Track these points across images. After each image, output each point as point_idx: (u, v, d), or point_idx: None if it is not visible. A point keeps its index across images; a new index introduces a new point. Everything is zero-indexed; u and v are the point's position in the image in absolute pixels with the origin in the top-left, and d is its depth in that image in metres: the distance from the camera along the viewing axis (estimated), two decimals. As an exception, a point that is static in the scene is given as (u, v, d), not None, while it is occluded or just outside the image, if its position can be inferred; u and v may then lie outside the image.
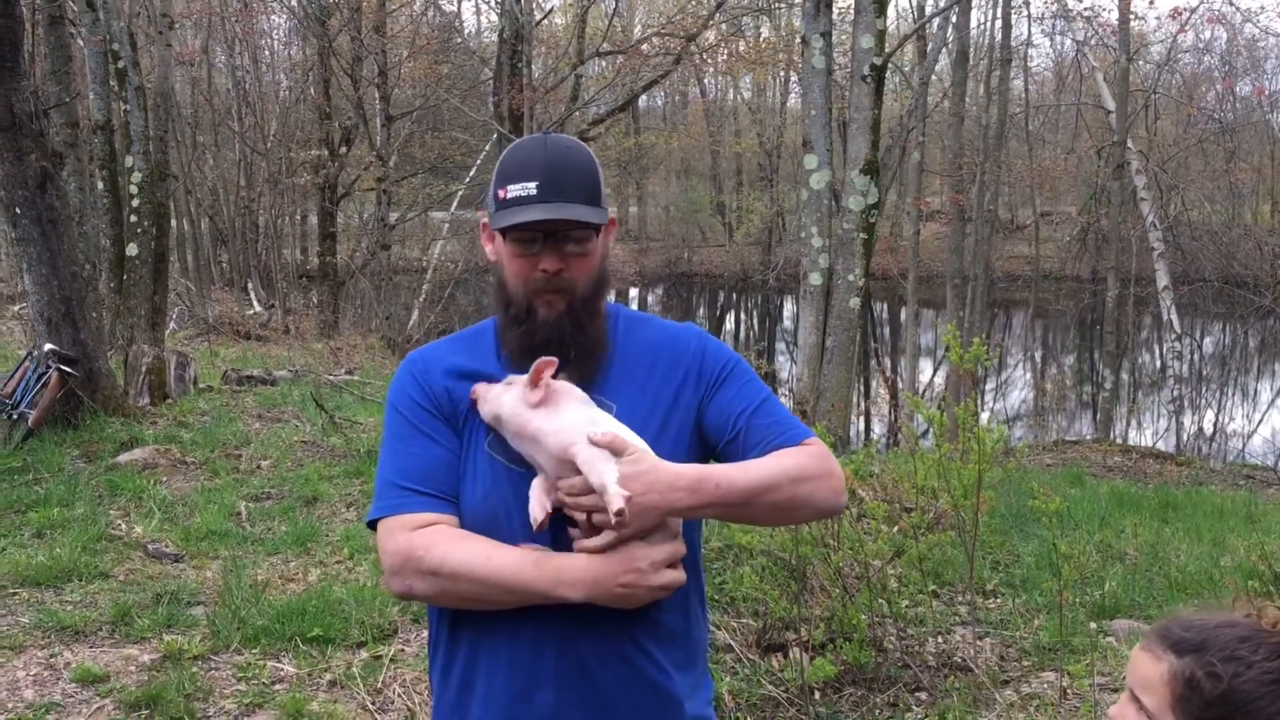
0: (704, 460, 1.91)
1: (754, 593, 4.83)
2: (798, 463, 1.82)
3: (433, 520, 1.82)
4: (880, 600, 4.71)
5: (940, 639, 4.96)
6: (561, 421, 1.78)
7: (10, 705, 4.28)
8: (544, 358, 1.82)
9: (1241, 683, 1.53)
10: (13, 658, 4.68)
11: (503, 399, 1.82)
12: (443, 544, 1.77)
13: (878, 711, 4.30)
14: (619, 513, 1.69)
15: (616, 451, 1.74)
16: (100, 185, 14.50)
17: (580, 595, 1.74)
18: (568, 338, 1.86)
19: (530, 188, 1.82)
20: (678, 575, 1.80)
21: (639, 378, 1.92)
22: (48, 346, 8.36)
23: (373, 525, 1.88)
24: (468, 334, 2.02)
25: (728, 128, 42.67)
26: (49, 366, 8.26)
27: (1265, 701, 1.53)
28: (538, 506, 1.79)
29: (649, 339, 1.97)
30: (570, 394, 1.82)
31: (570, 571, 1.74)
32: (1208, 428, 18.77)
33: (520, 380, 1.82)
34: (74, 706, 4.29)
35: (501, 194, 1.86)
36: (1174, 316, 16.82)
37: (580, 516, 1.77)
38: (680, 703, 1.88)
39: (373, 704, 4.37)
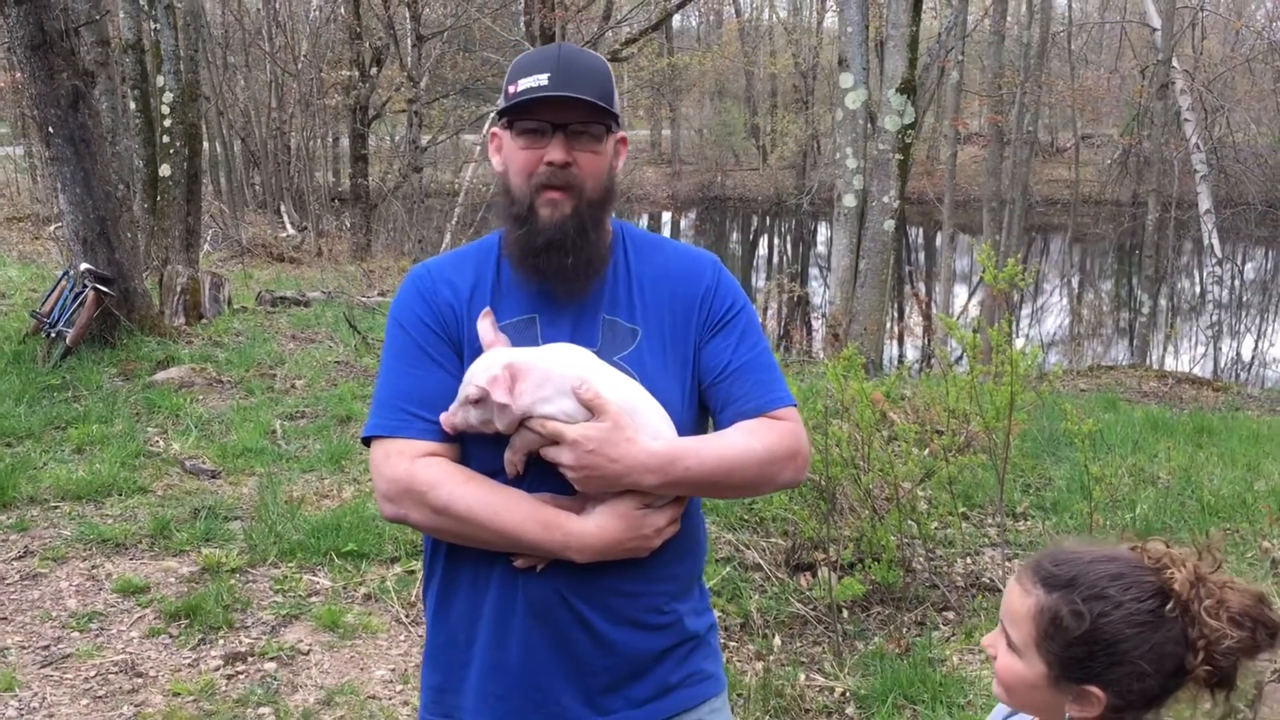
0: (696, 396, 1.91)
1: (784, 513, 4.86)
2: (767, 445, 1.80)
3: (433, 450, 1.79)
4: (909, 521, 4.73)
5: (969, 560, 4.98)
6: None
7: (54, 614, 4.39)
8: (483, 321, 1.79)
9: (1106, 622, 1.47)
10: (56, 568, 4.80)
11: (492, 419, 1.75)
12: (448, 484, 1.75)
13: (905, 629, 4.33)
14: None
15: (594, 412, 1.72)
16: (132, 105, 14.50)
17: (586, 559, 1.75)
18: (569, 242, 1.81)
19: (542, 79, 1.77)
20: (675, 529, 1.83)
21: (658, 306, 1.89)
22: (83, 266, 8.42)
23: (367, 441, 1.85)
24: (474, 248, 1.96)
25: (763, 48, 41.88)
26: (85, 286, 8.32)
27: (1131, 643, 1.46)
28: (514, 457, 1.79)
29: (666, 266, 1.93)
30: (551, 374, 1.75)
31: (579, 539, 1.74)
32: (1246, 353, 18.55)
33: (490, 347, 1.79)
34: (116, 615, 4.40)
35: (512, 89, 1.81)
36: (1215, 241, 16.52)
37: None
38: (679, 618, 1.90)
39: (406, 616, 4.46)
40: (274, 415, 7.24)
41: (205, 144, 21.47)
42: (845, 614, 4.44)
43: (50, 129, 8.30)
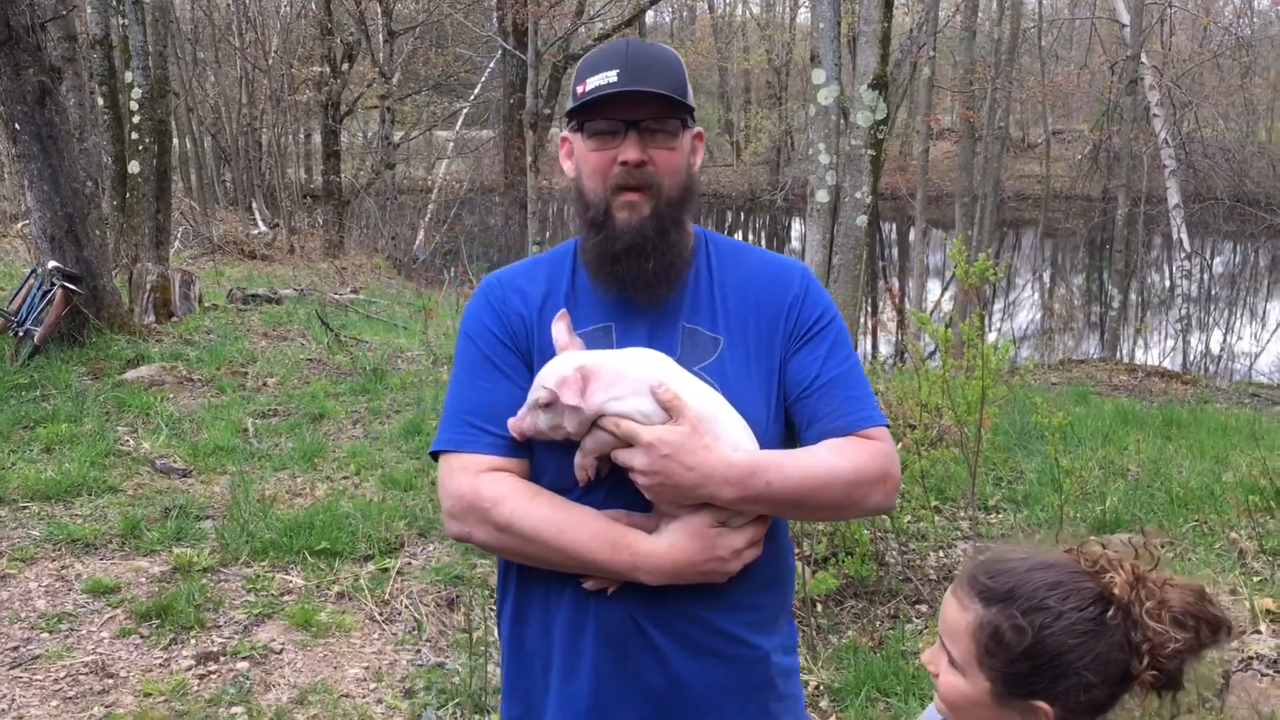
0: (782, 411, 1.80)
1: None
2: (856, 465, 1.68)
3: (499, 465, 1.70)
4: (882, 515, 4.75)
5: (942, 553, 5.01)
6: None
7: (24, 615, 4.35)
8: (558, 325, 1.70)
9: (1049, 635, 1.42)
10: (25, 569, 4.75)
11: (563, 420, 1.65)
12: (512, 500, 1.66)
13: (878, 623, 4.35)
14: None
15: (672, 415, 1.61)
16: (100, 101, 14.35)
17: (656, 582, 1.64)
18: (649, 246, 1.71)
19: (611, 76, 1.69)
20: (755, 553, 1.71)
21: (742, 315, 1.79)
22: (51, 264, 8.34)
23: (435, 456, 1.78)
24: (548, 256, 1.87)
25: (736, 44, 41.94)
26: (53, 284, 8.25)
27: (1075, 654, 1.42)
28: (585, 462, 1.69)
29: (750, 271, 1.83)
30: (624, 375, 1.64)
31: (649, 559, 1.63)
32: (1215, 347, 18.74)
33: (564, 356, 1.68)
34: (86, 616, 4.37)
35: (580, 89, 1.73)
36: (1184, 235, 16.70)
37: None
38: (765, 654, 1.79)
39: (380, 614, 4.44)
40: (245, 413, 7.20)
41: (175, 140, 21.29)
42: (819, 608, 4.46)
43: (16, 126, 8.21)
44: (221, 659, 4.06)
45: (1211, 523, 5.43)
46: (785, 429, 1.79)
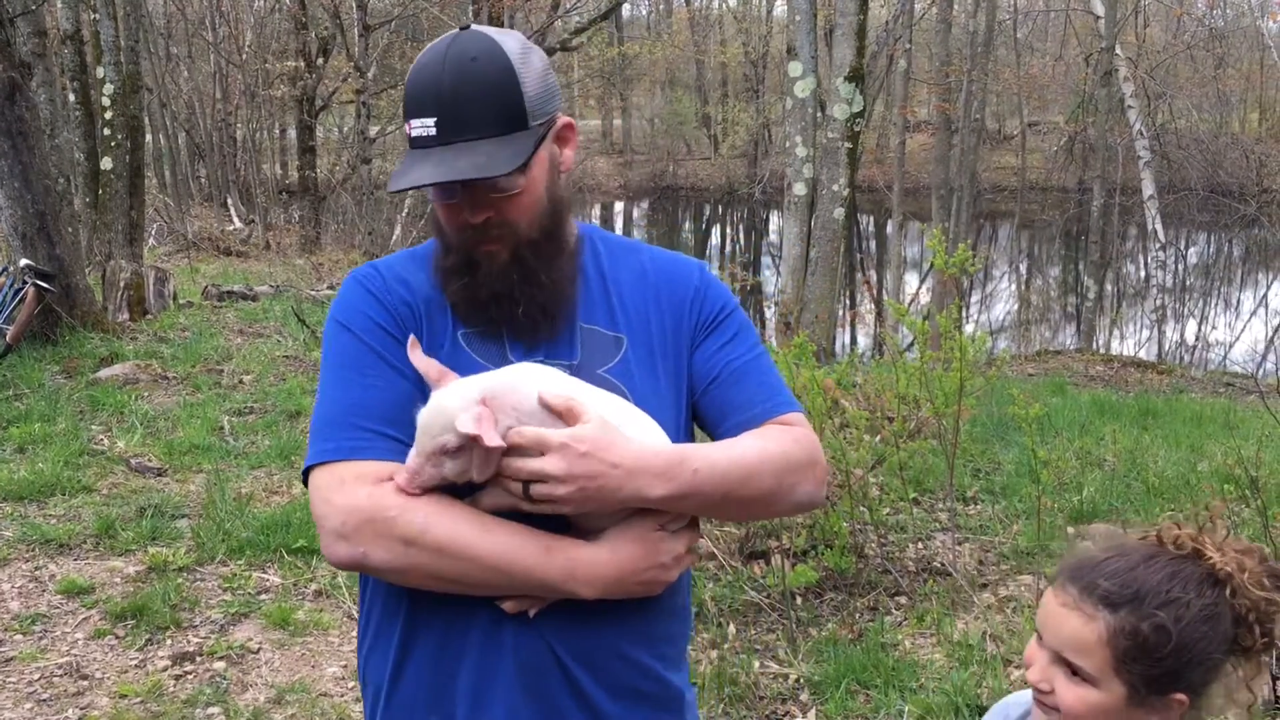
0: (691, 410, 1.67)
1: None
2: (783, 450, 1.54)
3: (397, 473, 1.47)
4: (861, 508, 4.75)
5: (920, 545, 5.02)
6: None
7: (-4, 617, 4.30)
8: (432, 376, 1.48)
9: (1185, 626, 1.42)
10: (-3, 571, 4.70)
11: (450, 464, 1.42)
12: (421, 506, 1.42)
13: (858, 615, 4.36)
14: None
15: (570, 419, 1.43)
16: (72, 97, 14.22)
17: (594, 594, 1.46)
18: (516, 291, 1.55)
19: (429, 124, 1.49)
20: (690, 559, 1.57)
21: (642, 311, 1.65)
22: (23, 262, 8.27)
23: (307, 476, 1.51)
24: (425, 251, 1.67)
25: (713, 37, 41.92)
26: (25, 282, 8.18)
27: (1207, 640, 1.43)
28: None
29: (645, 268, 1.69)
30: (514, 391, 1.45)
31: (588, 567, 1.45)
32: (1190, 337, 18.87)
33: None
34: (60, 617, 4.32)
35: (408, 129, 1.54)
36: (1159, 226, 16.79)
37: (514, 487, 1.43)
38: (680, 693, 1.66)
39: (358, 612, 4.41)
40: (221, 411, 7.15)
41: (148, 136, 21.13)
42: (799, 601, 4.46)
43: (-14, 122, 8.11)
44: (198, 659, 4.03)
45: (1187, 512, 5.46)
46: (695, 432, 1.68)
